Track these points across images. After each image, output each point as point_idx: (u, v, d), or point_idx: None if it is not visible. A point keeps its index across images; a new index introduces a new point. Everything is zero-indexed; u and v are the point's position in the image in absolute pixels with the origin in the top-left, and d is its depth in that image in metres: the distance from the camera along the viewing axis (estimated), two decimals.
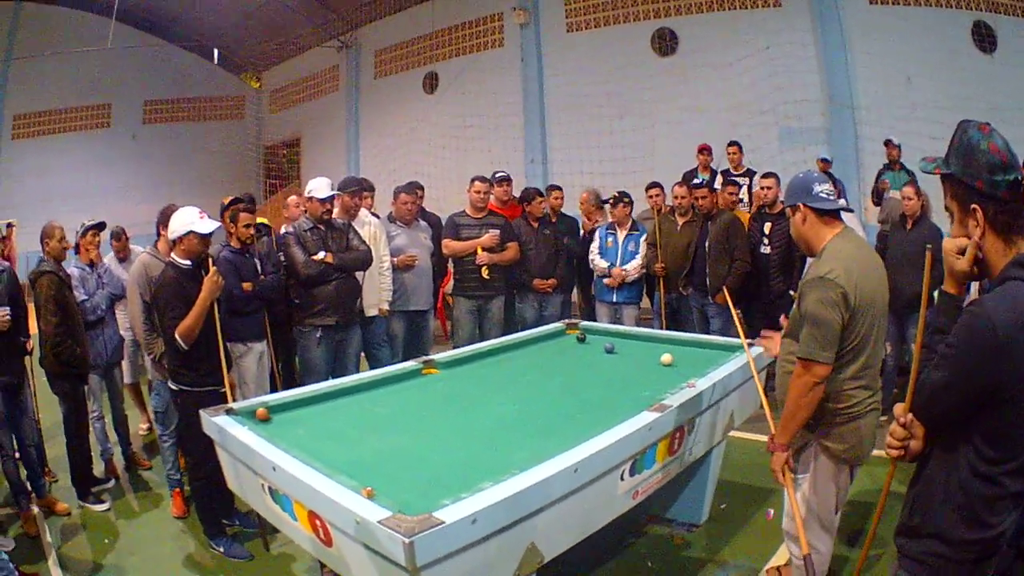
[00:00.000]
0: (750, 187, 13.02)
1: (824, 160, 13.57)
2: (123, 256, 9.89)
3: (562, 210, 11.92)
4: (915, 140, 13.48)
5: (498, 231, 10.45)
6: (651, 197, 11.58)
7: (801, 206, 5.17)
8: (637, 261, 10.84)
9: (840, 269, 4.79)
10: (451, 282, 11.60)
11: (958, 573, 3.16)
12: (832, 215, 5.16)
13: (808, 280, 4.97)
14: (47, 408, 8.55)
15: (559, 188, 12.10)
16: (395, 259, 9.91)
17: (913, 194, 9.25)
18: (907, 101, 15.15)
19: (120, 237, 10.10)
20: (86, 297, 8.29)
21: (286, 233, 8.73)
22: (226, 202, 8.76)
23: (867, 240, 7.06)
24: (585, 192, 12.72)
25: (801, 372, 4.88)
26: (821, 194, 5.13)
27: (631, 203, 11.14)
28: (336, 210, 9.35)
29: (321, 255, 8.48)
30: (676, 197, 11.01)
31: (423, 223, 10.79)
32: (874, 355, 5.04)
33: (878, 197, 13.12)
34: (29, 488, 7.69)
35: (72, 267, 8.27)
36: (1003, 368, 2.85)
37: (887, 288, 5.14)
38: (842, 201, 5.34)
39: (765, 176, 10.64)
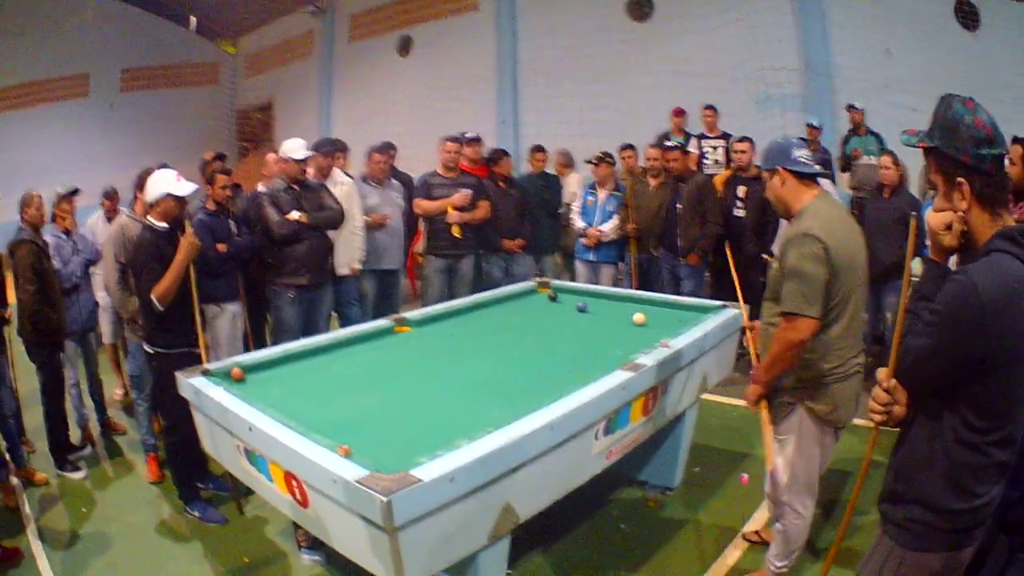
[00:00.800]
0: (727, 149, 13.03)
1: (811, 125, 13.51)
2: (111, 216, 9.88)
3: (545, 170, 11.97)
4: (893, 111, 13.44)
5: (469, 190, 10.48)
6: (624, 159, 11.59)
7: (780, 169, 5.19)
8: (614, 221, 10.87)
9: (820, 226, 4.83)
10: (421, 241, 11.58)
11: (943, 541, 3.19)
12: (810, 179, 5.20)
13: (790, 237, 4.96)
14: (24, 377, 8.51)
15: (543, 149, 12.14)
16: (368, 217, 9.92)
17: (891, 163, 9.25)
18: (885, 73, 15.12)
19: (112, 196, 10.20)
20: (62, 265, 8.22)
21: (260, 193, 8.71)
22: (208, 158, 8.78)
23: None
24: (556, 152, 12.74)
25: (786, 327, 4.86)
26: (800, 159, 5.19)
27: (613, 163, 11.11)
28: (310, 170, 9.35)
29: (295, 215, 8.47)
30: (648, 159, 10.98)
31: (395, 182, 10.80)
32: (856, 317, 5.08)
33: (847, 163, 13.13)
34: (8, 459, 7.66)
35: (48, 235, 8.18)
36: (988, 337, 2.87)
37: (863, 251, 5.16)
38: (818, 167, 5.36)
39: (740, 140, 10.64)
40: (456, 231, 10.38)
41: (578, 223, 11.14)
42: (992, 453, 3.04)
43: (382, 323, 7.40)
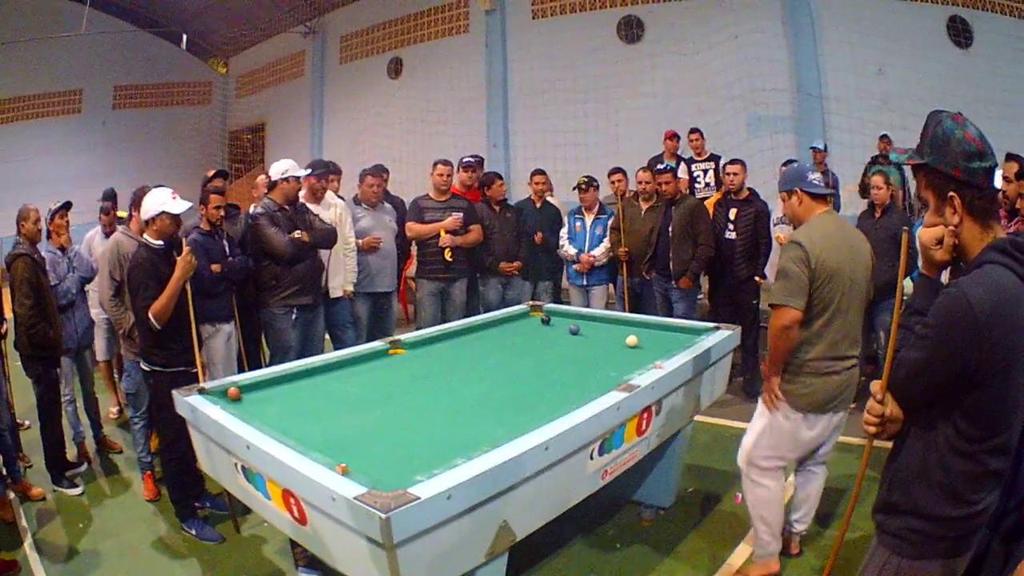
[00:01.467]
0: (717, 171, 13.09)
1: (816, 148, 13.55)
2: (109, 232, 9.76)
3: (547, 198, 11.94)
4: (886, 131, 13.51)
5: (461, 214, 10.50)
6: (614, 183, 11.61)
7: (798, 191, 5.93)
8: (605, 244, 10.89)
9: (806, 237, 5.62)
10: (413, 265, 11.57)
11: (939, 549, 3.21)
12: (821, 198, 5.96)
13: (789, 244, 5.72)
14: (21, 392, 8.53)
15: (543, 172, 12.05)
16: (360, 241, 9.94)
17: (882, 183, 9.26)
18: (878, 92, 15.17)
19: (109, 212, 10.09)
20: (57, 281, 8.24)
21: (258, 214, 8.67)
22: (209, 175, 8.82)
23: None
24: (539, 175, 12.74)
25: (774, 316, 5.67)
26: (814, 181, 5.96)
27: (598, 188, 11.14)
28: (303, 192, 9.36)
29: (297, 234, 8.48)
30: (640, 183, 10.98)
31: (388, 205, 10.81)
32: (844, 322, 5.71)
33: (865, 190, 13.18)
34: (4, 473, 7.67)
35: (44, 251, 8.20)
36: (981, 348, 2.90)
37: (862, 264, 5.80)
38: (827, 189, 6.19)
39: (732, 163, 10.59)
40: (448, 255, 10.40)
41: (569, 250, 11.15)
42: (987, 461, 3.07)
43: (376, 345, 7.42)
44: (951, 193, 3.07)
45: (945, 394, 3.06)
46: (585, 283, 11.10)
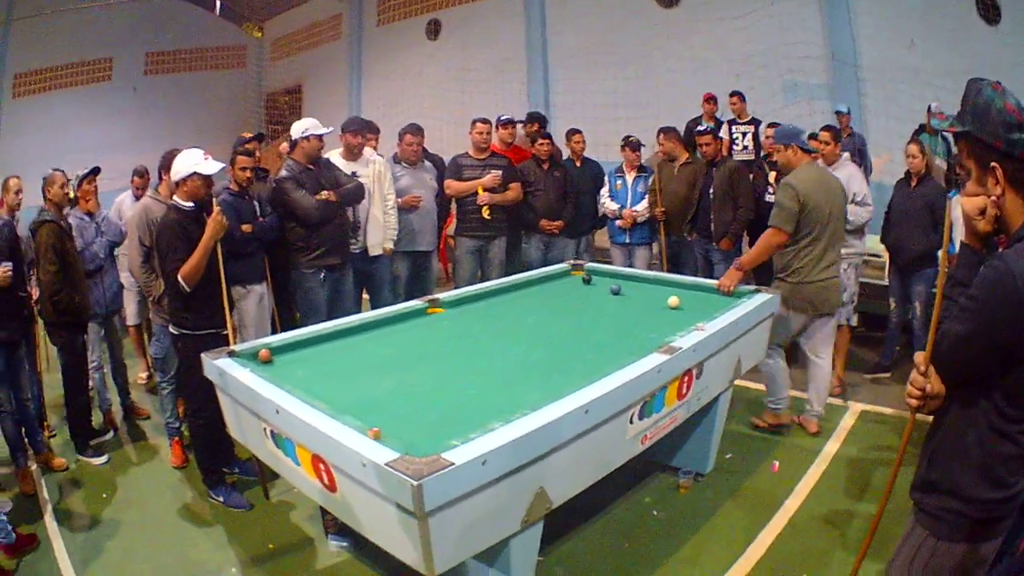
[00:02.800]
0: (756, 135, 12.97)
1: (839, 112, 13.48)
2: (140, 195, 9.73)
3: (584, 154, 11.85)
4: (918, 103, 13.37)
5: (500, 172, 10.44)
6: (662, 144, 11.49)
7: (794, 145, 7.91)
8: (646, 201, 10.88)
9: (796, 180, 7.59)
10: (453, 223, 11.48)
11: (974, 531, 3.13)
12: (808, 152, 8.00)
13: (781, 185, 7.74)
14: (52, 361, 8.48)
15: (579, 132, 11.95)
16: (399, 199, 9.85)
17: (918, 152, 9.16)
18: (910, 64, 15.04)
19: (143, 174, 10.13)
20: (84, 246, 8.17)
21: (284, 178, 8.51)
22: (247, 137, 8.77)
23: (864, 185, 9.32)
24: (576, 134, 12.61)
25: (769, 234, 7.65)
26: (805, 140, 8.07)
27: (638, 147, 11.04)
28: (341, 149, 9.34)
29: (324, 194, 8.38)
30: (660, 145, 11.05)
31: (427, 163, 10.68)
32: (828, 245, 7.72)
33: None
34: (27, 445, 7.63)
35: (71, 217, 8.13)
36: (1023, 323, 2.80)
37: (837, 203, 7.83)
38: (813, 145, 8.43)
39: (770, 126, 10.56)
40: (486, 212, 10.34)
41: (611, 205, 11.08)
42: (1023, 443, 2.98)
43: (415, 304, 7.36)
44: (993, 164, 2.95)
45: (986, 370, 2.97)
46: (628, 241, 11.05)
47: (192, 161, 6.67)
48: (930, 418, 3.30)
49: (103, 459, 7.99)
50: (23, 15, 24.23)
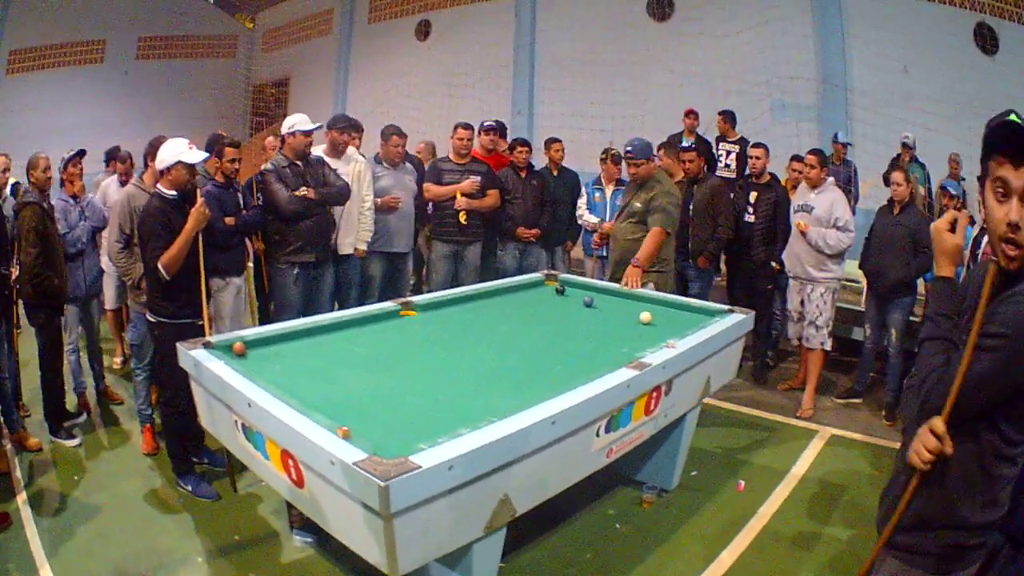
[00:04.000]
0: (740, 155, 13.02)
1: (837, 141, 13.57)
2: (125, 180, 9.71)
3: (562, 164, 11.87)
4: (907, 129, 13.45)
5: (479, 178, 10.46)
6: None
7: (650, 158, 8.86)
8: None
9: (672, 188, 8.83)
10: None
11: (968, 556, 3.12)
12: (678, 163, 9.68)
13: (665, 191, 8.65)
14: (26, 343, 8.48)
15: (559, 140, 11.95)
16: (379, 200, 9.88)
17: (902, 180, 9.20)
18: (901, 90, 15.11)
19: (126, 160, 10.11)
20: (68, 229, 8.20)
21: (265, 171, 8.61)
22: (224, 135, 8.76)
23: (847, 211, 9.34)
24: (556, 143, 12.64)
25: (659, 235, 8.44)
26: (656, 153, 9.35)
27: (620, 159, 11.10)
28: (325, 146, 9.36)
29: (303, 191, 8.43)
30: (659, 159, 10.83)
31: (408, 165, 10.72)
32: (672, 240, 8.91)
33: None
34: (1, 423, 7.64)
35: (55, 199, 8.16)
36: None
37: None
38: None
39: (755, 146, 10.53)
40: (463, 217, 10.36)
41: (590, 218, 11.14)
42: (1020, 462, 3.00)
43: (388, 306, 7.35)
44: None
45: (1002, 403, 2.90)
46: (604, 254, 10.97)
47: (177, 150, 6.69)
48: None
49: (76, 441, 8.01)
50: None
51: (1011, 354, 2.78)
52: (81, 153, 8.36)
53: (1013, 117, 2.78)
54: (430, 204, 10.86)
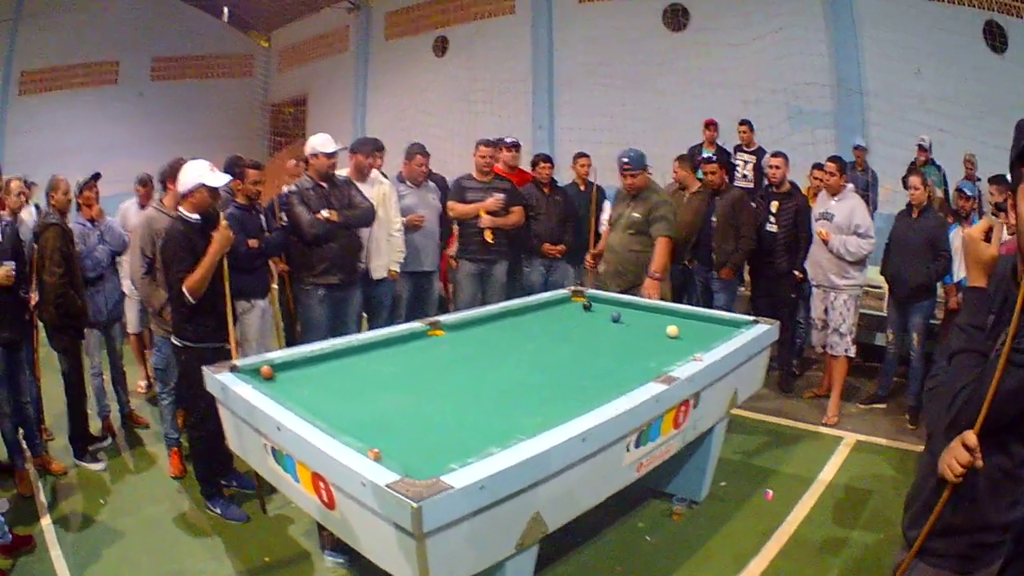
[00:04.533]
0: (757, 165, 12.99)
1: (858, 147, 13.68)
2: (144, 204, 9.64)
3: (588, 179, 11.75)
4: (922, 131, 13.43)
5: (503, 195, 10.37)
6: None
7: (644, 167, 9.29)
8: None
9: (667, 197, 9.48)
10: (455, 244, 11.48)
11: (993, 555, 3.12)
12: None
13: (662, 200, 9.26)
14: (48, 364, 8.49)
15: (586, 155, 11.89)
16: (403, 219, 9.82)
17: (919, 184, 9.18)
18: (915, 92, 15.08)
19: (147, 183, 9.98)
20: (86, 253, 8.20)
21: (289, 192, 8.57)
22: (243, 159, 8.76)
23: (867, 217, 9.32)
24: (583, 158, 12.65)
25: (667, 243, 8.99)
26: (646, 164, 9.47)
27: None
28: (349, 169, 9.32)
29: (325, 213, 8.37)
30: (675, 173, 10.94)
31: (431, 183, 10.67)
32: None
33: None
34: (24, 447, 7.65)
35: (73, 223, 8.15)
36: None
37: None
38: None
39: (774, 155, 10.46)
40: (488, 236, 10.28)
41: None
42: None
43: (416, 326, 7.35)
44: None
45: None
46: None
47: (199, 173, 6.66)
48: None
49: (101, 465, 8.02)
50: (32, 11, 24.26)
51: None
52: (96, 176, 8.39)
53: None
54: (455, 223, 10.81)
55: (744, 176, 13.48)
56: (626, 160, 9.20)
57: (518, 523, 4.26)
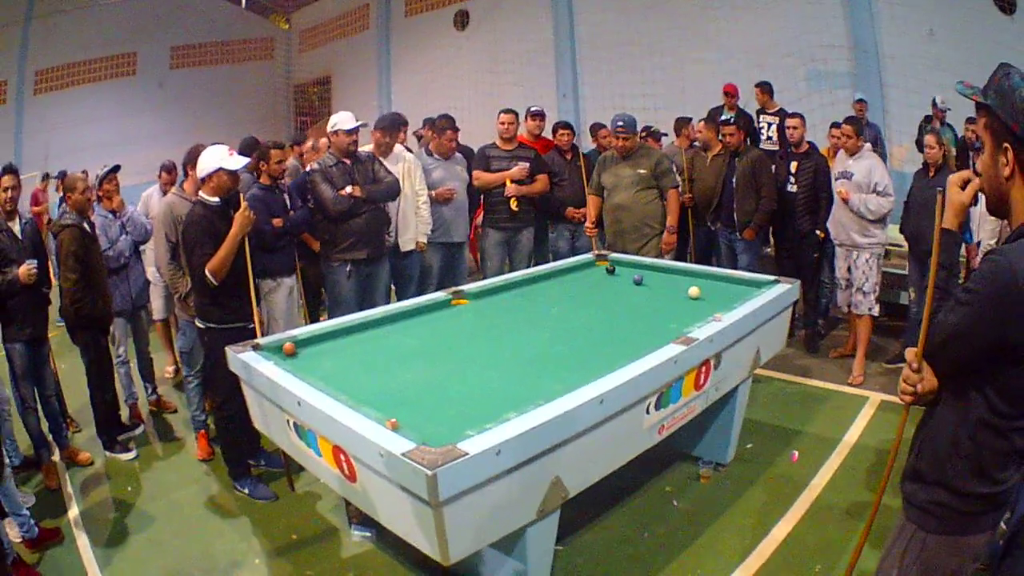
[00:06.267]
0: (780, 126, 12.95)
1: (860, 101, 13.65)
2: (167, 191, 9.51)
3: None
4: (939, 92, 13.37)
5: (527, 163, 10.39)
6: (687, 132, 11.91)
7: (638, 131, 9.94)
8: None
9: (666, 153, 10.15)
10: (482, 214, 11.49)
11: (963, 524, 3.14)
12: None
13: (663, 155, 9.84)
14: (63, 357, 8.53)
15: (604, 126, 11.99)
16: (433, 192, 9.89)
17: (935, 143, 9.11)
18: (930, 53, 15.01)
19: (171, 170, 9.98)
20: (109, 245, 8.23)
21: (312, 171, 8.59)
22: (263, 141, 8.77)
23: (886, 175, 9.29)
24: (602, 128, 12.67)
25: (677, 194, 9.71)
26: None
27: (658, 138, 11.57)
28: (372, 146, 9.34)
29: (348, 189, 8.39)
30: (699, 132, 11.18)
31: (459, 155, 10.70)
32: None
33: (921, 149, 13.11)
34: (50, 439, 7.69)
35: (95, 215, 8.15)
36: (1021, 321, 2.78)
37: None
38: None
39: (792, 116, 10.44)
40: (513, 204, 10.33)
41: None
42: (1015, 440, 2.98)
43: (439, 296, 7.39)
44: (1006, 144, 2.92)
45: (980, 365, 2.96)
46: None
47: (217, 157, 6.70)
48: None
49: (131, 455, 8.02)
50: (42, 12, 24.27)
51: (977, 308, 2.87)
52: (115, 168, 8.41)
53: None
54: (480, 192, 10.84)
55: (769, 139, 13.49)
56: (621, 124, 9.37)
57: (538, 488, 4.28)
